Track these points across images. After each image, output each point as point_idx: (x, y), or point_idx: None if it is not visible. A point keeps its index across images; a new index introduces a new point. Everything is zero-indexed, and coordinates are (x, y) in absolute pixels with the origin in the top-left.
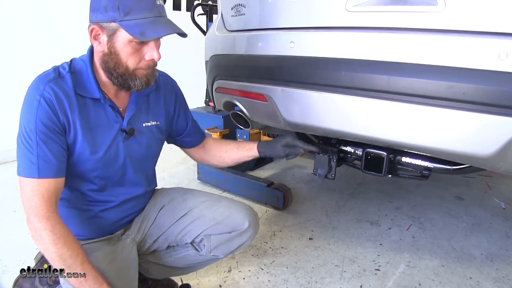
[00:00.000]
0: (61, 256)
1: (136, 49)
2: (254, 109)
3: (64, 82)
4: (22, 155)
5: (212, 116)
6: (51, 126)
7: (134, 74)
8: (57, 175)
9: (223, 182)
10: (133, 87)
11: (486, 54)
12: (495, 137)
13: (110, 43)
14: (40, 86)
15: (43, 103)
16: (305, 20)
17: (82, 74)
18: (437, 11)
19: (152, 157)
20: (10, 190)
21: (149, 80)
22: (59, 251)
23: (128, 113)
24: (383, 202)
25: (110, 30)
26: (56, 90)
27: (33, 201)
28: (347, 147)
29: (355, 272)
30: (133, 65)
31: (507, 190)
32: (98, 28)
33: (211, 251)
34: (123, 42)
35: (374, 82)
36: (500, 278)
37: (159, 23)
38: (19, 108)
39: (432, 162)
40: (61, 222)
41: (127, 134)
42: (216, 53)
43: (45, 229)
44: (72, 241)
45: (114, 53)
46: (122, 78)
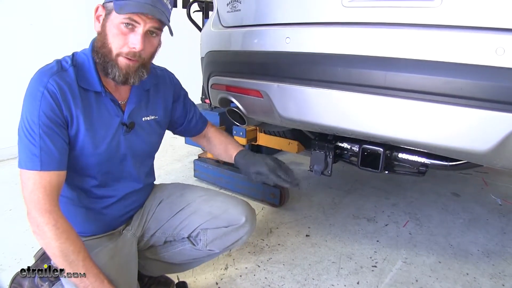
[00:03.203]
0: (63, 251)
1: (122, 33)
2: (250, 105)
3: (67, 75)
4: (24, 147)
5: (208, 113)
6: (54, 119)
7: (115, 61)
8: (59, 168)
9: (220, 179)
10: (111, 75)
11: (483, 50)
12: (492, 132)
13: (104, 22)
14: (44, 79)
15: (47, 95)
16: (301, 16)
17: (84, 67)
18: (433, 6)
19: (151, 151)
20: (5, 188)
21: (128, 75)
22: (62, 246)
23: (129, 107)
24: (380, 198)
25: (107, 10)
26: (59, 83)
27: (35, 194)
28: (344, 144)
29: (352, 269)
30: (116, 49)
31: (503, 187)
32: (102, 7)
33: (207, 245)
34: (113, 23)
35: (371, 77)
36: (496, 274)
37: (145, 6)
38: (15, 106)
39: (429, 158)
40: (63, 217)
41: (127, 127)
42: (212, 49)
43: (47, 224)
44: (75, 236)
45: (103, 32)
46: (104, 60)
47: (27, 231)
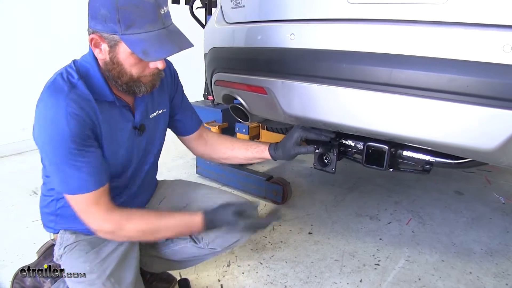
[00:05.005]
0: (145, 231)
1: (139, 60)
2: (253, 102)
3: (80, 91)
4: (70, 175)
5: (211, 109)
6: (86, 139)
7: (139, 81)
8: (106, 180)
9: (222, 176)
10: (138, 93)
11: (490, 47)
12: (498, 131)
13: (112, 54)
14: (60, 103)
15: (71, 120)
16: (306, 12)
17: (91, 77)
18: (440, 3)
19: (159, 146)
20: (7, 185)
21: (154, 84)
22: (143, 229)
23: (138, 110)
24: (383, 196)
25: (111, 41)
26: (77, 101)
27: (91, 213)
28: (348, 141)
29: (354, 267)
30: (137, 74)
31: (507, 185)
32: (98, 37)
33: (209, 243)
34: (126, 54)
35: (376, 74)
36: (500, 273)
37: (163, 38)
38: (16, 103)
39: (434, 156)
40: (121, 212)
41: (139, 130)
42: (215, 45)
43: (118, 228)
44: (139, 214)
45: (117, 63)
46: (127, 85)
47: (28, 227)
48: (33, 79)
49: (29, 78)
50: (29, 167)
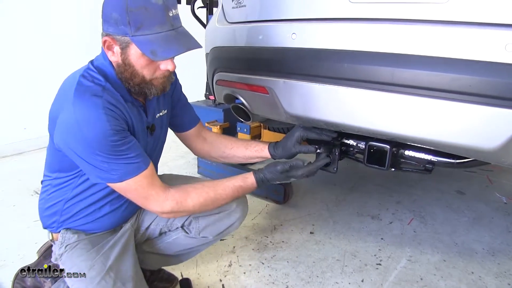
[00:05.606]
0: (204, 203)
1: (150, 61)
2: (255, 101)
3: (109, 91)
4: (120, 164)
5: (212, 109)
6: (125, 130)
7: (150, 83)
8: (150, 160)
9: (223, 176)
10: (149, 95)
11: (492, 46)
12: (500, 130)
13: (124, 56)
14: (98, 103)
15: (110, 117)
16: (307, 12)
17: (112, 79)
18: (442, 2)
19: (161, 146)
20: (9, 184)
21: (165, 87)
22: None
23: (150, 109)
24: (384, 196)
25: (122, 43)
26: (110, 99)
27: (150, 195)
28: (350, 140)
29: (356, 267)
30: (149, 76)
31: (508, 185)
32: (111, 40)
33: (200, 232)
34: (137, 56)
35: (378, 74)
36: (501, 273)
37: (172, 39)
38: (16, 104)
39: (436, 155)
40: (177, 189)
41: (150, 130)
42: (217, 45)
43: (179, 205)
44: (194, 188)
45: (128, 64)
46: (139, 87)
47: (29, 227)
48: (33, 80)
49: (30, 78)
50: (30, 167)
